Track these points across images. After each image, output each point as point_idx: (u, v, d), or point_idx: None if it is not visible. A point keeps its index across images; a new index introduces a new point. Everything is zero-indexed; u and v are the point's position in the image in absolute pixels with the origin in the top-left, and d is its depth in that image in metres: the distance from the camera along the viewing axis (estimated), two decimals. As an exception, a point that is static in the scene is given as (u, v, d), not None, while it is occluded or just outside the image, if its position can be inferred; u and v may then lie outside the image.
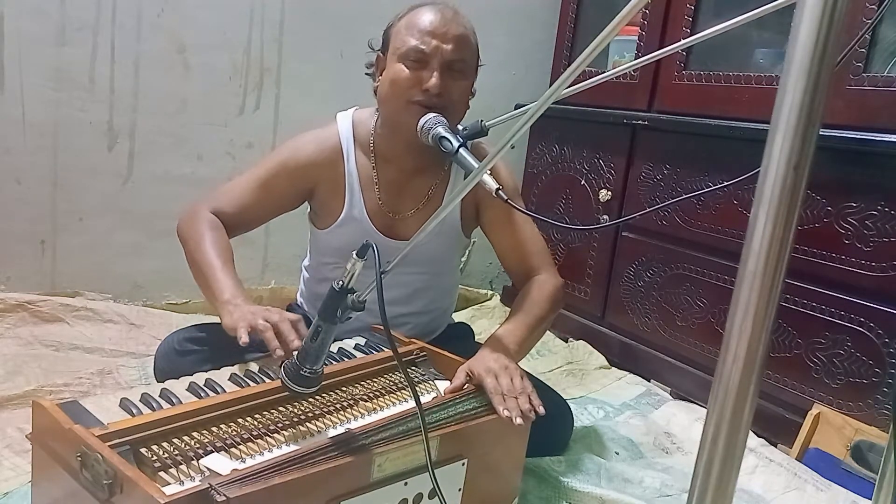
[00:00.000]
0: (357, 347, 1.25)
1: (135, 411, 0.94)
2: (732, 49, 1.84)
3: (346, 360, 1.18)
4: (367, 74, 1.39)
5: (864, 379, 1.43)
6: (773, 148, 0.49)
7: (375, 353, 1.22)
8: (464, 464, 1.02)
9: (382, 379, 1.14)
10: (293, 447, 0.91)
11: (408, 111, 1.26)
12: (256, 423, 0.96)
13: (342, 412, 1.03)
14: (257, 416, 0.97)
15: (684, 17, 1.85)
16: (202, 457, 0.87)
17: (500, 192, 1.04)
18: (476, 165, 1.11)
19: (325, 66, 2.18)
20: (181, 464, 0.85)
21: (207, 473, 0.84)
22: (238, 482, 0.79)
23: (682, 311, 1.83)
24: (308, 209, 1.47)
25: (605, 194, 2.05)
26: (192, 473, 0.84)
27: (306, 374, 0.92)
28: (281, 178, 1.37)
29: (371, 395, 1.09)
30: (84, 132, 1.97)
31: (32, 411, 0.93)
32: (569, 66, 1.12)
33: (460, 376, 1.12)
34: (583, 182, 2.15)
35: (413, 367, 1.21)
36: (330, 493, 0.87)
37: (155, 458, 0.85)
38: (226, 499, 0.76)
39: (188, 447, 0.88)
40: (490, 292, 2.52)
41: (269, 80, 2.15)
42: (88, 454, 0.82)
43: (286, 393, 0.96)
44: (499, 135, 0.83)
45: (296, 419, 0.98)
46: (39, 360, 1.66)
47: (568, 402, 1.48)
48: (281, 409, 1.00)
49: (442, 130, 1.20)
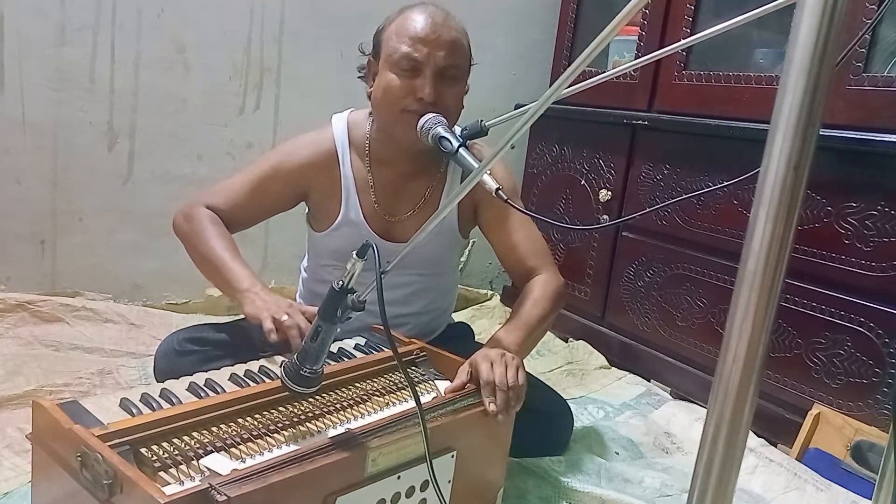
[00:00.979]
0: (357, 347, 1.25)
1: (135, 411, 0.94)
2: (732, 49, 1.84)
3: (346, 360, 1.18)
4: (359, 78, 1.37)
5: (864, 379, 1.43)
6: (773, 148, 0.49)
7: (375, 353, 1.22)
8: (453, 456, 1.02)
9: (382, 379, 1.14)
10: (293, 447, 0.91)
11: (402, 120, 1.25)
12: (256, 423, 0.95)
13: (342, 412, 1.03)
14: (257, 416, 0.97)
15: (684, 17, 1.85)
16: (202, 457, 0.87)
17: (499, 191, 1.04)
18: (476, 165, 1.11)
19: (325, 66, 2.18)
20: (181, 464, 0.85)
21: (207, 473, 0.84)
22: (238, 482, 0.79)
23: (682, 311, 1.83)
24: (306, 210, 1.47)
25: (605, 194, 2.05)
26: (192, 473, 0.84)
27: (306, 374, 0.92)
28: (274, 182, 1.37)
29: (371, 395, 1.09)
30: (84, 132, 1.97)
31: (32, 411, 0.93)
32: (569, 66, 1.12)
33: (462, 375, 1.12)
34: (583, 182, 2.15)
35: (413, 367, 1.21)
36: (326, 489, 0.87)
37: (155, 458, 0.85)
38: (226, 498, 0.76)
39: (188, 447, 0.88)
40: (490, 292, 2.52)
41: (269, 80, 2.15)
42: (88, 454, 0.82)
43: (286, 393, 0.96)
44: (499, 135, 0.83)
45: (296, 419, 0.98)
46: (39, 360, 1.66)
47: (568, 402, 1.48)
48: (281, 409, 0.99)
49: (442, 130, 1.20)
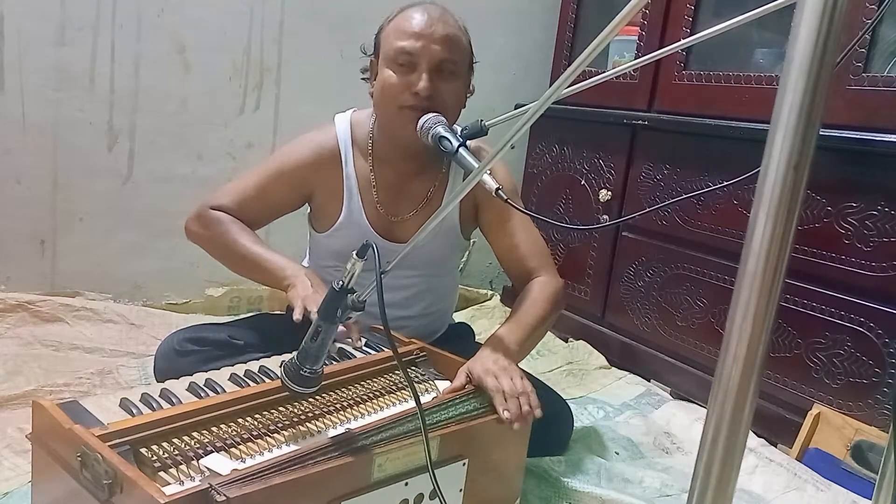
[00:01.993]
0: (357, 347, 1.25)
1: (135, 411, 0.94)
2: (732, 49, 1.84)
3: (346, 360, 1.18)
4: (363, 79, 1.38)
5: (864, 379, 1.43)
6: (773, 148, 0.49)
7: (375, 353, 1.22)
8: (464, 464, 1.02)
9: (382, 379, 1.14)
10: (293, 447, 0.91)
11: (401, 116, 1.25)
12: (256, 423, 0.96)
13: (342, 412, 1.03)
14: (257, 416, 0.97)
15: (684, 17, 1.85)
16: (202, 457, 0.87)
17: (499, 191, 1.04)
18: (476, 165, 1.11)
19: (325, 66, 2.18)
20: (181, 464, 0.85)
21: (207, 473, 0.84)
22: (238, 482, 0.79)
23: (682, 311, 1.83)
24: (308, 210, 1.47)
25: (605, 194, 2.05)
26: (192, 473, 0.84)
27: (306, 374, 0.92)
28: (279, 183, 1.37)
29: (371, 395, 1.09)
30: (84, 132, 1.97)
31: (32, 411, 0.93)
32: (569, 66, 1.12)
33: (460, 377, 1.12)
34: (583, 182, 2.15)
35: (413, 368, 1.21)
36: (331, 493, 0.87)
37: (155, 458, 0.85)
38: (226, 499, 0.76)
39: (188, 447, 0.88)
40: (490, 292, 2.52)
41: (269, 80, 2.15)
42: (88, 454, 0.82)
43: (286, 393, 0.96)
44: (499, 135, 0.83)
45: (296, 419, 0.98)
46: (39, 360, 1.66)
47: (568, 402, 1.48)
48: (281, 409, 1.00)
49: (441, 130, 1.19)
